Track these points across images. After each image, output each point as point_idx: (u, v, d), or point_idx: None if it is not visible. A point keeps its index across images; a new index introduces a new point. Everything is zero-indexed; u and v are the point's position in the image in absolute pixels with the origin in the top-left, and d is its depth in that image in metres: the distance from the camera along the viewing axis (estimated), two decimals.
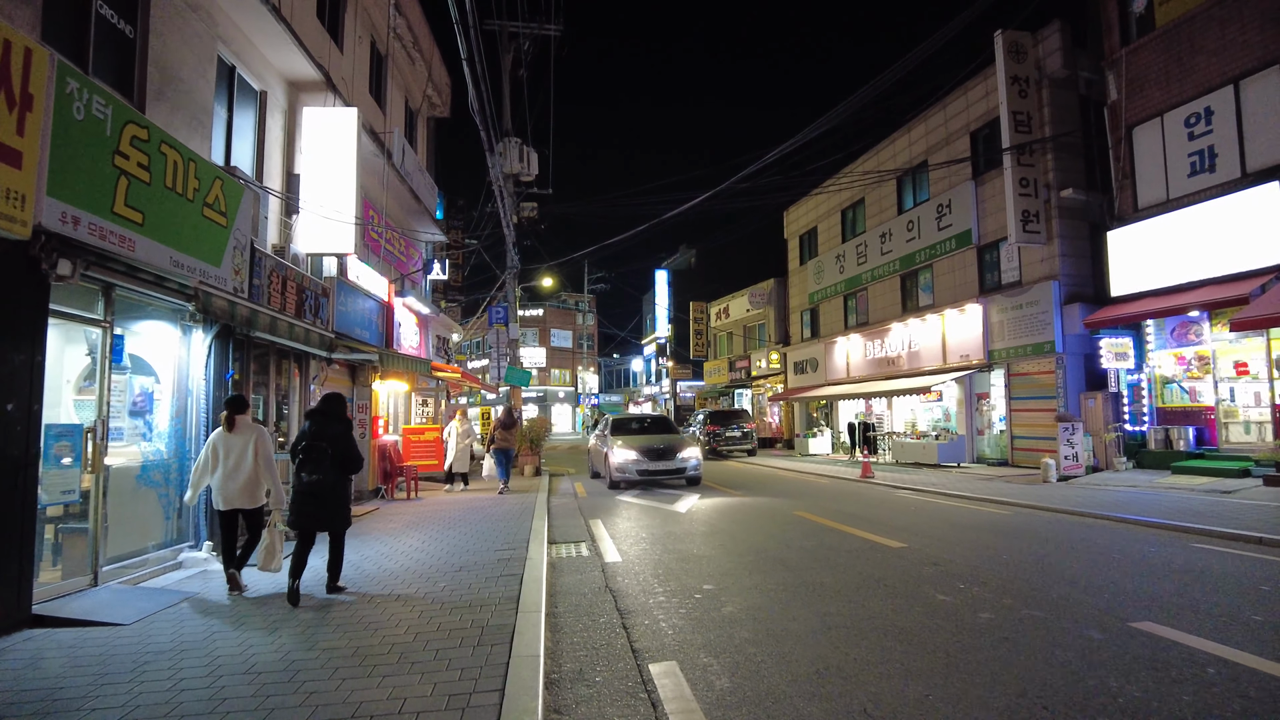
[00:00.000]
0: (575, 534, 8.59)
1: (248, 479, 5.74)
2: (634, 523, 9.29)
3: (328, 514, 5.50)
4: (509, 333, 19.88)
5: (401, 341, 13.82)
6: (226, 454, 5.73)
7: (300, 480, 5.40)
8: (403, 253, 15.88)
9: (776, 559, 6.58)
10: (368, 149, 12.47)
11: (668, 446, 13.52)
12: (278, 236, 9.91)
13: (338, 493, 5.52)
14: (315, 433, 5.45)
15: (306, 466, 5.38)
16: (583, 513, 10.47)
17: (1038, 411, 16.38)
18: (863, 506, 10.45)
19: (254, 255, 7.90)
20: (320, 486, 5.37)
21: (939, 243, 19.38)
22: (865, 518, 9.20)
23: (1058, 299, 15.48)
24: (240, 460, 5.73)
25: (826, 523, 8.83)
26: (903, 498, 11.69)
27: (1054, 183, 15.71)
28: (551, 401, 57.49)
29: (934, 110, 19.90)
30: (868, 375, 22.68)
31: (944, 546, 7.05)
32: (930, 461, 17.81)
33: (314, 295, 9.71)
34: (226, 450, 5.74)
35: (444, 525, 9.02)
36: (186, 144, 6.70)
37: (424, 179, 16.81)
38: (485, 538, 7.92)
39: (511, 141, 19.64)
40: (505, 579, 5.77)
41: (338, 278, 10.71)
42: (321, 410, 5.64)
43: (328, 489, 5.41)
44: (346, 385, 12.18)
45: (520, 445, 17.17)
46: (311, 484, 5.37)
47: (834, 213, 25.30)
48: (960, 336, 18.45)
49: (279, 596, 5.51)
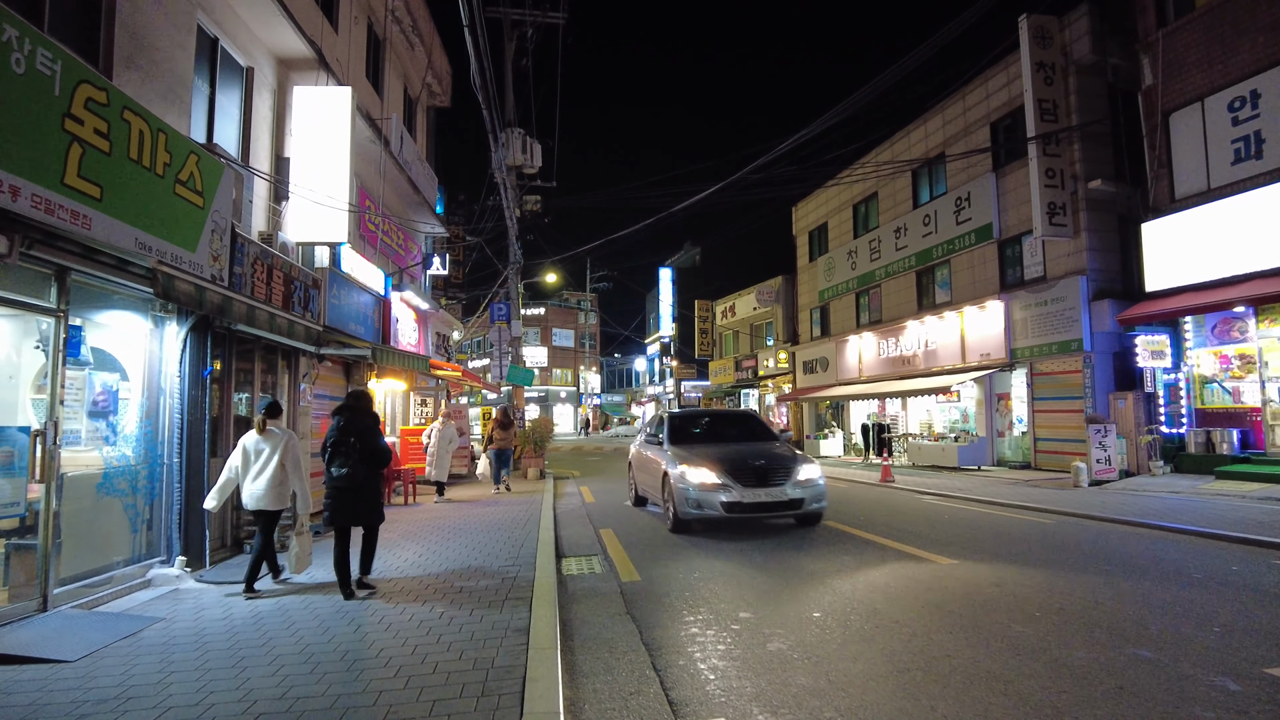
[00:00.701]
0: (585, 545, 7.90)
1: (274, 482, 5.83)
2: (647, 533, 8.59)
3: (359, 508, 5.59)
4: (511, 330, 19.19)
5: (399, 338, 13.13)
6: (255, 456, 5.86)
7: (330, 476, 5.50)
8: (401, 246, 15.20)
9: (815, 578, 5.89)
10: (363, 134, 11.79)
11: (770, 462, 8.28)
12: (266, 223, 9.23)
13: (368, 487, 5.62)
14: (344, 428, 5.55)
15: (335, 461, 5.48)
16: (591, 520, 9.78)
17: (1063, 412, 15.68)
18: (892, 515, 9.76)
19: (235, 241, 7.21)
20: (350, 481, 5.47)
21: (958, 237, 18.68)
22: (899, 528, 8.50)
23: (1085, 295, 14.78)
24: (267, 463, 5.84)
25: (859, 534, 8.14)
26: (931, 505, 10.99)
27: (1081, 174, 15.02)
28: (553, 401, 56.78)
29: (952, 101, 19.21)
30: (881, 375, 21.98)
31: (997, 562, 6.36)
32: (950, 464, 17.12)
33: (303, 287, 9.02)
34: (256, 452, 5.87)
35: (443, 535, 8.34)
36: (162, 119, 6.02)
37: (423, 169, 16.12)
38: (488, 550, 7.23)
39: (515, 132, 18.97)
40: (512, 604, 5.08)
41: (330, 269, 10.02)
42: (349, 406, 5.76)
43: (358, 484, 5.51)
44: (340, 384, 11.49)
45: (523, 447, 16.47)
46: (341, 479, 5.46)
47: (845, 208, 24.60)
48: (980, 334, 17.75)
49: (251, 620, 4.82)
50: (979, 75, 18.06)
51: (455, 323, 19.19)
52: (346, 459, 5.45)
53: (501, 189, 18.99)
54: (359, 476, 5.49)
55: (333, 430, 5.59)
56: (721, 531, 8.50)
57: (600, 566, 6.67)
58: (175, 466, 6.40)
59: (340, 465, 5.45)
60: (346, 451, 5.46)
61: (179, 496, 6.39)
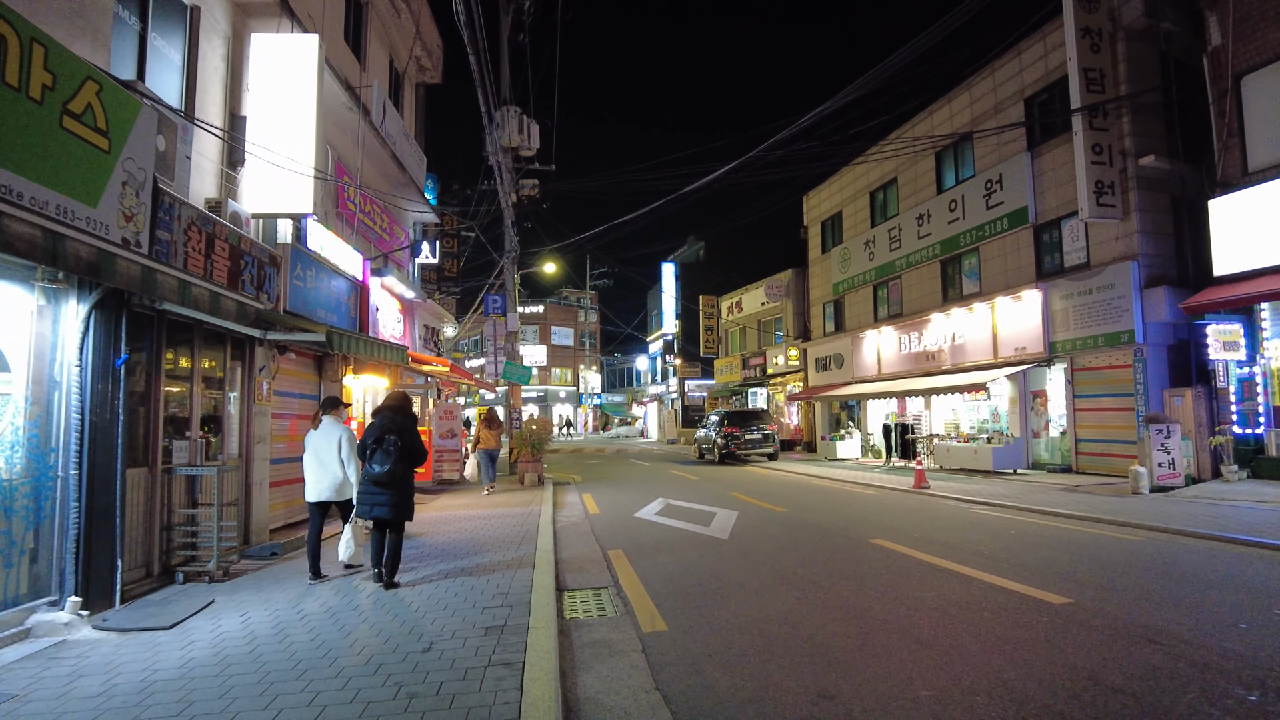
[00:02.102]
0: (592, 571, 6.53)
1: (336, 475, 6.17)
2: (665, 556, 7.23)
3: (396, 504, 5.71)
4: (507, 324, 17.84)
5: (379, 329, 11.76)
6: (315, 450, 6.20)
7: (372, 472, 5.66)
8: (385, 230, 13.83)
9: (905, 631, 4.50)
10: (337, 99, 10.43)
11: None
12: (216, 190, 7.87)
13: (405, 483, 5.79)
14: (385, 427, 5.74)
15: (378, 459, 5.64)
16: (598, 537, 8.41)
17: (1108, 411, 14.34)
18: (947, 531, 8.40)
19: (160, 200, 5.84)
20: (390, 478, 5.63)
21: (988, 223, 17.32)
22: (965, 549, 7.15)
23: (1137, 282, 13.43)
24: (323, 456, 6.16)
25: (922, 557, 6.78)
26: (985, 516, 9.63)
27: (1131, 149, 13.66)
28: (552, 401, 55.39)
29: (980, 77, 17.85)
30: (902, 371, 20.61)
31: (1121, 601, 5.00)
32: (982, 468, 15.76)
33: (256, 263, 7.64)
34: (315, 446, 6.21)
35: (417, 559, 6.97)
36: (63, 45, 4.66)
37: (410, 147, 14.76)
38: (471, 581, 5.87)
39: (511, 111, 17.60)
40: (495, 672, 3.72)
41: (293, 245, 8.64)
42: (390, 406, 5.96)
43: (396, 480, 5.68)
44: (311, 379, 10.13)
45: (519, 450, 15.10)
46: (382, 476, 5.61)
47: (861, 195, 23.25)
48: (1014, 327, 16.40)
49: (142, 692, 3.46)
50: (1011, 48, 16.72)
51: (446, 315, 17.81)
52: (388, 457, 5.61)
53: (496, 172, 17.63)
54: (398, 473, 5.66)
55: (374, 429, 5.77)
56: (754, 555, 7.14)
57: (613, 606, 5.30)
58: (73, 480, 5.03)
59: (382, 462, 5.61)
60: (388, 449, 5.63)
61: (77, 518, 5.02)
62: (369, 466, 5.69)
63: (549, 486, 14.01)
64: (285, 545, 7.70)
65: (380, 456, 5.62)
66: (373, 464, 5.66)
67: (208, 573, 6.25)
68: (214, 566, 6.24)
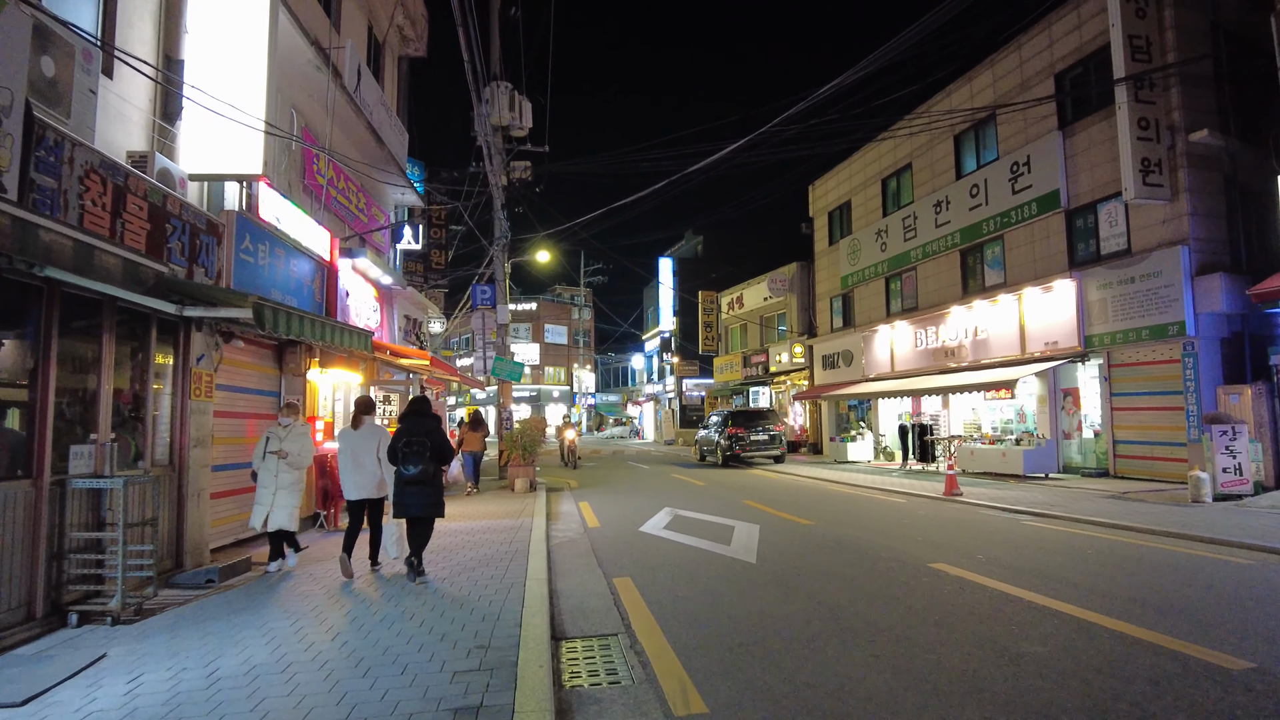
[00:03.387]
0: (596, 611, 5.24)
1: (374, 475, 6.37)
2: (685, 586, 5.94)
3: (428, 502, 6.04)
4: (497, 316, 16.51)
5: (351, 316, 10.42)
6: (352, 450, 6.35)
7: (405, 473, 5.96)
8: (363, 210, 12.51)
9: (1041, 714, 3.23)
10: (302, 55, 9.12)
11: None
12: (143, 142, 6.55)
13: (436, 482, 6.10)
14: (413, 429, 6.00)
15: (410, 461, 5.93)
16: (600, 560, 7.10)
17: (1151, 410, 13.17)
18: (1012, 550, 7.15)
19: (36, 132, 4.53)
20: (424, 477, 5.96)
21: (1014, 209, 16.12)
22: (1053, 576, 5.90)
23: (1187, 268, 12.25)
24: (362, 456, 6.33)
25: (1008, 590, 5.52)
26: (1043, 531, 8.39)
27: (1180, 123, 12.48)
28: (545, 401, 54.01)
29: (1004, 53, 16.65)
30: (918, 369, 19.40)
31: None
32: (1011, 472, 14.56)
33: (188, 229, 6.31)
34: (352, 447, 6.36)
35: (379, 590, 5.67)
36: None
37: (390, 120, 13.44)
38: (441, 626, 4.58)
39: (501, 86, 16.30)
40: None
41: (241, 213, 7.32)
42: (414, 411, 6.22)
43: (428, 480, 6.00)
44: (271, 374, 8.80)
45: (510, 454, 13.79)
46: (416, 476, 5.93)
47: (872, 183, 22.03)
48: (1045, 319, 15.19)
49: None
50: (1040, 20, 15.53)
51: (430, 305, 16.47)
52: (420, 458, 5.91)
53: (485, 152, 16.33)
54: (430, 473, 5.97)
55: (402, 433, 6.00)
56: (794, 586, 5.88)
57: (627, 668, 3.99)
58: None
59: (415, 464, 5.91)
60: (419, 451, 5.91)
61: None
62: (403, 469, 5.98)
63: (542, 493, 12.70)
64: (226, 570, 6.39)
65: (414, 459, 5.92)
66: (407, 466, 5.95)
67: (111, 613, 4.94)
68: (117, 605, 4.93)
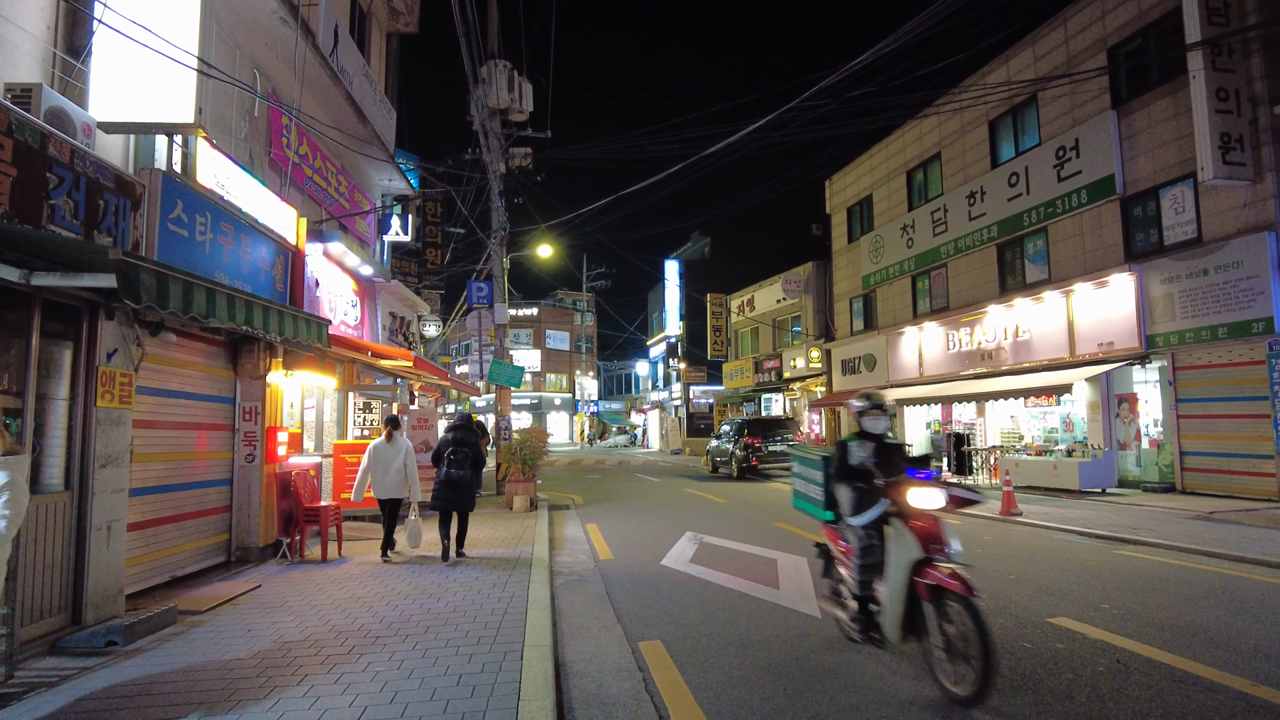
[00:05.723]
0: (620, 703, 3.73)
1: (399, 478, 7.70)
2: (737, 656, 4.46)
3: (464, 499, 7.41)
4: (495, 316, 15.09)
5: (321, 309, 8.98)
6: (385, 460, 7.65)
7: (449, 474, 7.29)
8: (344, 195, 11.10)
9: None
10: (264, 2, 7.71)
11: None
12: (40, 77, 5.15)
13: (472, 483, 7.47)
14: (459, 440, 7.46)
15: (454, 465, 7.32)
16: (619, 612, 5.58)
17: (1226, 417, 11.73)
18: (1144, 599, 5.68)
19: None
20: (462, 479, 7.33)
21: (1060, 197, 14.71)
22: (1228, 643, 4.44)
23: (1275, 257, 10.83)
24: (392, 465, 7.67)
25: (1185, 667, 4.05)
26: (1149, 565, 6.92)
27: (1264, 94, 11.08)
28: (547, 409, 52.51)
29: (1047, 29, 15.29)
30: (950, 373, 17.94)
31: None
32: (1064, 486, 13.08)
33: (84, 184, 4.85)
34: (386, 458, 7.66)
35: (331, 661, 4.21)
36: None
37: (375, 94, 12.06)
38: None
39: (499, 66, 14.92)
40: None
41: (167, 172, 5.88)
42: (460, 425, 7.67)
43: (465, 481, 7.37)
44: (224, 375, 7.36)
45: (508, 468, 12.33)
46: (456, 477, 7.29)
47: (896, 175, 20.64)
48: (1098, 318, 13.76)
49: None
50: None
51: (420, 303, 15.04)
52: (462, 464, 7.35)
53: (482, 137, 14.95)
54: (468, 476, 7.37)
55: (446, 443, 7.49)
56: (879, 654, 4.42)
57: None
58: None
59: (457, 468, 7.31)
60: (463, 459, 7.36)
61: None
62: (447, 471, 7.28)
63: (544, 513, 11.21)
64: (138, 626, 4.92)
65: (456, 463, 7.30)
66: (450, 469, 7.28)
67: None
68: None
